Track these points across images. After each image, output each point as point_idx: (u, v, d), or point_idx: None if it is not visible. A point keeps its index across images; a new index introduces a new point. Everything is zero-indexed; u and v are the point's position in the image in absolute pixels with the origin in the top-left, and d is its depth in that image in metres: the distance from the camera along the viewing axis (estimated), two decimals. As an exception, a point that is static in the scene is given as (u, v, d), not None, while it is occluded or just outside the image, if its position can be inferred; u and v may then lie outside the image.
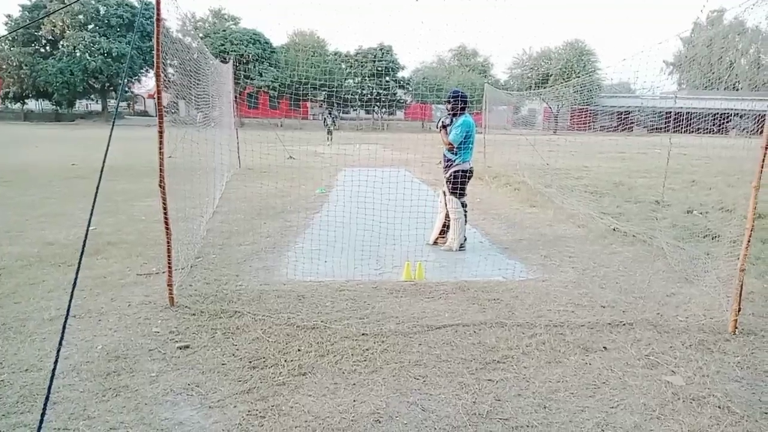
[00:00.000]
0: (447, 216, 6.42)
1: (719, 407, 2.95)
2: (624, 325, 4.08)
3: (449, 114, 6.33)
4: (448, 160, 6.28)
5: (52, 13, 46.03)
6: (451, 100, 6.28)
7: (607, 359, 3.51)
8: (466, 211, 6.35)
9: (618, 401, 3.00)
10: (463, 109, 6.29)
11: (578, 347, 3.68)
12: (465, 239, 6.41)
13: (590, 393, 3.09)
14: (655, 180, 11.98)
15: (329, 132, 25.64)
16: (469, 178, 6.31)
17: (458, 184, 6.16)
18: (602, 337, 3.86)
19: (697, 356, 3.57)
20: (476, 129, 6.35)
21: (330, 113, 28.79)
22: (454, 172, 6.19)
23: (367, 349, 3.56)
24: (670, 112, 9.68)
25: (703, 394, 3.08)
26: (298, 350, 3.53)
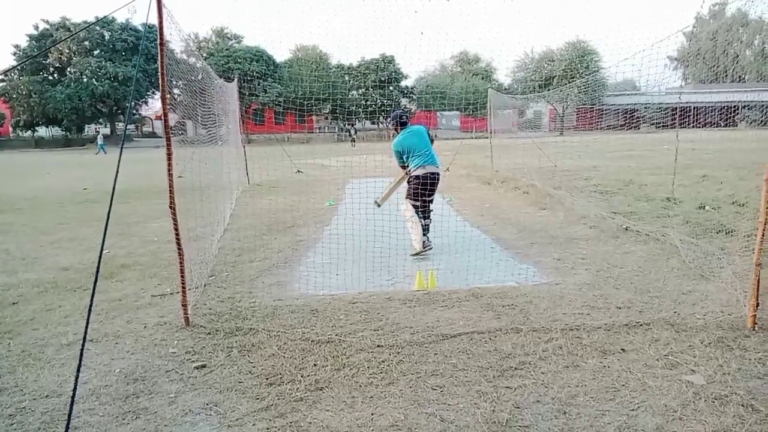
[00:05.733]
0: (422, 217, 6.58)
1: (743, 405, 2.90)
2: (641, 325, 4.04)
3: (395, 134, 6.72)
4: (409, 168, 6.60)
5: (59, 42, 46.80)
6: (391, 122, 6.79)
7: (625, 361, 3.47)
8: (424, 216, 6.53)
9: (639, 403, 2.97)
10: (404, 124, 6.66)
11: (596, 350, 3.65)
12: (427, 239, 6.55)
13: (610, 396, 3.05)
14: (665, 177, 11.89)
15: (353, 140, 35.63)
16: (430, 183, 6.44)
17: (411, 189, 6.46)
18: (619, 338, 3.83)
19: (716, 354, 3.52)
20: (421, 132, 6.65)
21: (352, 125, 42.11)
22: (410, 178, 6.53)
23: (382, 361, 3.56)
24: (677, 108, 9.63)
25: (725, 393, 3.03)
26: (314, 365, 3.53)
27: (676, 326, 4.00)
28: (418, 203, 6.47)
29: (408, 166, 6.54)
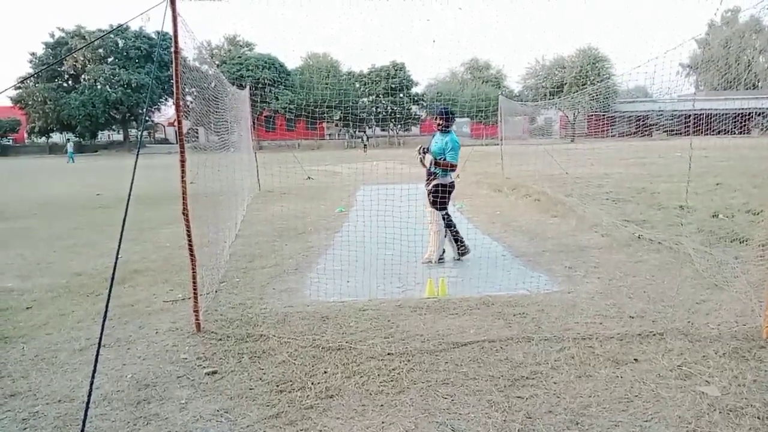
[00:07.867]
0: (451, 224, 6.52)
1: (758, 418, 2.86)
2: (654, 335, 4.00)
3: (440, 129, 6.38)
4: (431, 173, 6.34)
5: (75, 51, 47.46)
6: (445, 116, 6.36)
7: (638, 371, 3.44)
8: (449, 223, 6.44)
9: (652, 414, 2.93)
10: (449, 122, 6.43)
11: (608, 360, 3.61)
12: (444, 251, 6.50)
13: (623, 407, 3.02)
14: (678, 184, 11.77)
15: (365, 146, 38.47)
16: (450, 191, 6.40)
17: (439, 197, 6.23)
18: (632, 348, 3.79)
19: (731, 365, 3.47)
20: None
21: (364, 132, 45.46)
22: (435, 185, 6.25)
23: (393, 369, 3.55)
24: (690, 115, 9.55)
25: (740, 405, 2.99)
26: (325, 372, 3.53)
27: (690, 336, 3.95)
28: (447, 210, 6.44)
29: (436, 167, 6.28)
